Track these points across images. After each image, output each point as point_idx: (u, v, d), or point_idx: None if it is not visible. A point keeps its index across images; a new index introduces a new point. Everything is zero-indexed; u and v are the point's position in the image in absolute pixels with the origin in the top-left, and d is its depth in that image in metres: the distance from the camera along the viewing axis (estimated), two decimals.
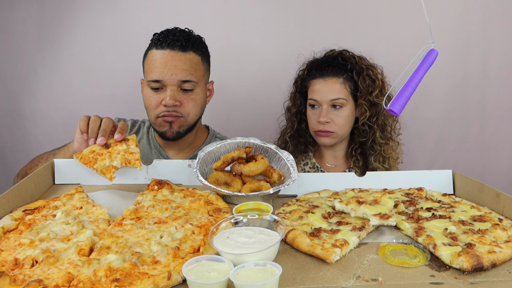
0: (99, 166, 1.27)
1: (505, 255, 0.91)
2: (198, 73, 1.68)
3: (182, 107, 1.67)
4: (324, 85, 1.84)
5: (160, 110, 1.66)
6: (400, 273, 0.89)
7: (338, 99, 1.81)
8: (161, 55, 1.64)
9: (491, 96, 2.59)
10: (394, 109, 1.26)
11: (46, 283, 0.81)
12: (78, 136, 1.43)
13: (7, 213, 1.12)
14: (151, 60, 1.66)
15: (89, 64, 2.47)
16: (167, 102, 1.63)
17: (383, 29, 2.46)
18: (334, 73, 1.85)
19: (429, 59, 1.26)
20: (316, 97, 1.84)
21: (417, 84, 1.26)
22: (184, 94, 1.67)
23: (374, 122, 1.88)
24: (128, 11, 2.43)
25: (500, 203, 1.15)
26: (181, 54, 1.64)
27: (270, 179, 1.31)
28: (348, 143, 1.98)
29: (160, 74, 1.62)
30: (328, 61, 1.89)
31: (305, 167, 1.99)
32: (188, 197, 1.23)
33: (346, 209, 1.13)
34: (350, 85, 1.84)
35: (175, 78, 1.63)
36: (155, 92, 1.66)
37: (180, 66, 1.63)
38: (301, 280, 0.86)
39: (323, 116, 1.81)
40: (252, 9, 2.46)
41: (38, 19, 2.41)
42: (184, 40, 1.65)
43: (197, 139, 1.86)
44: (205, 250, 0.94)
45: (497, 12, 2.48)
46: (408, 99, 1.26)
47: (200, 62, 1.69)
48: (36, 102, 2.50)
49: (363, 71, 1.85)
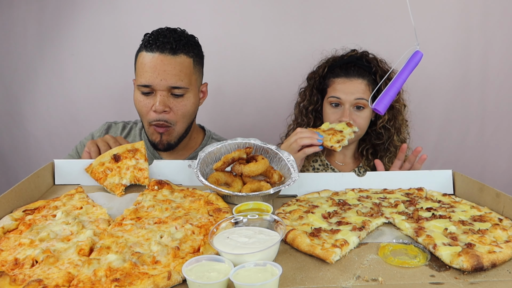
0: (109, 184, 1.32)
1: (505, 255, 0.91)
2: (189, 77, 1.62)
3: (171, 114, 1.62)
4: (349, 85, 1.83)
5: (151, 117, 1.62)
6: (400, 273, 0.89)
7: (361, 99, 1.81)
8: (151, 58, 1.58)
9: (491, 96, 2.59)
10: (378, 108, 1.32)
11: (46, 283, 0.81)
12: (85, 157, 1.49)
13: (7, 213, 1.12)
14: (141, 63, 1.60)
15: (89, 64, 2.47)
16: (156, 107, 1.59)
17: (384, 29, 2.46)
18: (359, 74, 1.85)
19: (414, 60, 1.30)
20: (340, 96, 1.82)
21: (401, 84, 1.31)
22: (174, 99, 1.62)
23: (392, 125, 1.90)
24: (128, 11, 2.43)
25: (500, 203, 1.15)
26: (171, 57, 1.58)
27: (270, 179, 1.31)
28: (358, 142, 1.99)
29: (150, 79, 1.57)
30: (353, 61, 1.89)
31: (314, 164, 1.98)
32: (188, 197, 1.23)
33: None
34: (372, 87, 1.85)
35: (165, 83, 1.57)
36: (145, 97, 1.62)
37: (170, 71, 1.57)
38: (301, 280, 0.86)
39: (345, 116, 1.80)
40: (252, 9, 2.46)
41: (38, 19, 2.41)
42: (175, 43, 1.58)
43: (192, 141, 1.83)
44: (205, 250, 0.94)
45: (497, 12, 2.48)
46: (392, 99, 1.32)
47: (191, 65, 1.63)
48: (36, 102, 2.50)
49: (384, 74, 1.84)
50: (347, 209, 1.17)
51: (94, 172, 1.34)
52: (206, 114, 1.85)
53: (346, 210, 1.17)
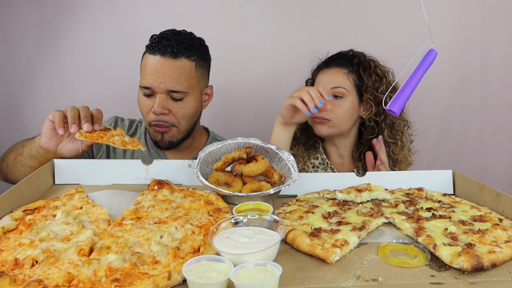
0: (117, 140, 1.28)
1: (505, 255, 0.91)
2: (189, 81, 1.63)
3: (171, 116, 1.64)
4: (327, 74, 1.84)
5: (151, 118, 1.65)
6: (400, 273, 0.89)
7: (338, 87, 1.80)
8: (152, 61, 1.60)
9: (491, 96, 2.59)
10: (393, 109, 1.26)
11: (46, 283, 0.81)
12: (47, 130, 1.39)
13: (7, 213, 1.12)
14: (144, 65, 1.64)
15: (89, 64, 2.47)
16: (155, 110, 1.61)
17: (384, 29, 2.46)
18: (339, 64, 1.85)
19: (428, 59, 1.26)
20: (318, 87, 1.82)
21: (416, 84, 1.26)
22: (173, 102, 1.63)
23: (382, 120, 1.87)
24: (128, 11, 2.43)
25: (500, 203, 1.15)
26: (171, 61, 1.59)
27: (270, 179, 1.31)
28: (355, 145, 1.97)
29: (149, 81, 1.60)
30: (337, 55, 1.91)
31: (314, 161, 1.98)
32: (188, 197, 1.23)
33: (348, 198, 1.23)
34: (354, 77, 1.83)
35: (163, 86, 1.59)
36: (146, 98, 1.64)
37: (169, 74, 1.58)
38: (301, 280, 0.86)
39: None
40: (253, 10, 2.45)
41: (38, 19, 2.41)
42: (177, 46, 1.59)
43: (196, 141, 1.85)
44: (205, 250, 0.94)
45: (497, 12, 2.48)
46: (407, 99, 1.27)
47: (192, 69, 1.63)
48: (36, 102, 2.49)
49: (371, 67, 1.84)
50: (347, 209, 1.18)
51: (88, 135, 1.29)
52: (206, 113, 1.85)
53: (346, 210, 1.17)
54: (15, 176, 1.52)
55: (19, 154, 1.52)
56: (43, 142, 1.40)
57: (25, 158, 1.49)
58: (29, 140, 1.53)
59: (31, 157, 1.47)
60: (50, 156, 1.43)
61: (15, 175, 1.53)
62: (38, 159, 1.45)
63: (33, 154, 1.46)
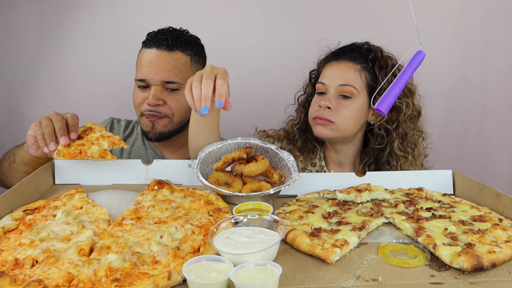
0: (94, 153, 1.25)
1: (505, 255, 0.91)
2: (185, 74, 1.65)
3: (165, 106, 1.65)
4: (337, 68, 1.60)
5: (144, 108, 1.66)
6: (400, 273, 0.89)
7: (347, 85, 1.56)
8: (148, 54, 1.63)
9: (491, 96, 2.59)
10: (381, 108, 1.29)
11: (46, 283, 0.81)
12: (31, 144, 1.34)
13: (7, 213, 1.12)
14: (140, 59, 1.67)
15: (89, 64, 2.47)
16: (149, 101, 1.63)
17: (383, 28, 2.45)
18: (351, 58, 1.61)
19: (417, 60, 1.29)
20: (324, 81, 1.60)
21: (404, 84, 1.29)
22: (168, 93, 1.65)
23: (394, 129, 1.63)
24: (128, 11, 2.43)
25: (500, 203, 1.15)
26: (167, 53, 1.62)
27: (270, 179, 1.31)
28: (359, 154, 1.76)
29: (144, 73, 1.62)
30: (350, 47, 1.67)
31: (312, 168, 1.79)
32: (188, 197, 1.23)
33: (348, 198, 1.23)
34: (367, 76, 1.60)
35: (158, 78, 1.62)
36: (141, 90, 1.67)
37: (164, 66, 1.61)
38: (301, 280, 0.86)
39: (325, 100, 1.57)
40: (252, 10, 2.46)
41: (38, 19, 2.41)
42: (172, 40, 1.63)
43: None
44: (205, 250, 0.94)
45: (497, 12, 2.48)
46: (395, 99, 1.29)
47: (188, 62, 1.66)
48: (36, 102, 2.49)
49: (388, 66, 1.61)
50: (347, 209, 1.18)
51: (66, 154, 1.26)
52: None
53: (346, 210, 1.17)
54: (12, 183, 1.52)
55: (12, 162, 1.53)
56: (32, 153, 1.38)
57: (19, 165, 1.50)
58: (19, 148, 1.52)
59: (24, 164, 1.48)
60: (43, 161, 1.41)
61: (12, 181, 1.54)
62: (31, 165, 1.46)
63: (25, 162, 1.47)
